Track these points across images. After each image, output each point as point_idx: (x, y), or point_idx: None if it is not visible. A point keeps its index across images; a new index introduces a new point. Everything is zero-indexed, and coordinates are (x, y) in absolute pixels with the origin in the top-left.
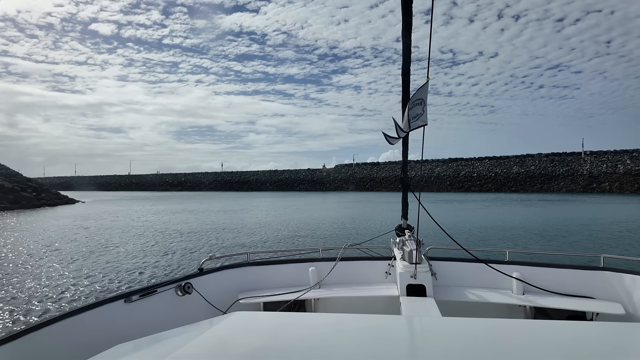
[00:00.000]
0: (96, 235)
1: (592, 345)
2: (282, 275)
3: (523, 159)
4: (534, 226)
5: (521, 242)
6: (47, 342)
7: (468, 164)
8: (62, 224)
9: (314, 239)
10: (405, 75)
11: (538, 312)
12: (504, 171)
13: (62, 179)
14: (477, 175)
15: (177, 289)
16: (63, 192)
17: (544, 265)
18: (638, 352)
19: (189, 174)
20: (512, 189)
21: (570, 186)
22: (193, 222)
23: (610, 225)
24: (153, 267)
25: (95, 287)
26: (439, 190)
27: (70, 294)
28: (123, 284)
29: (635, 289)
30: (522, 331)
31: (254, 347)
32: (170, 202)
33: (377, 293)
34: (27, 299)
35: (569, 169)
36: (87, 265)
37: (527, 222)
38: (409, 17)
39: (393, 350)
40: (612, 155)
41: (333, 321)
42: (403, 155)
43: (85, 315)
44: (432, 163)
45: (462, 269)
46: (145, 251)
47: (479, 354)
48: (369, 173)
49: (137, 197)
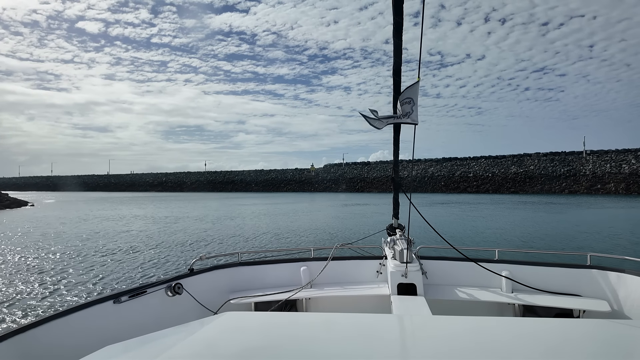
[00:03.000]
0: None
1: (578, 342)
2: (274, 275)
3: (521, 159)
4: (555, 238)
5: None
6: (33, 344)
7: (463, 163)
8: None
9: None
10: (396, 75)
11: (527, 310)
12: (501, 171)
13: (37, 178)
14: (474, 176)
15: (167, 289)
16: (31, 192)
17: (533, 263)
18: (622, 348)
19: (171, 173)
20: (510, 190)
21: (572, 187)
22: (143, 239)
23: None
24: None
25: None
26: (433, 191)
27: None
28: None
29: (620, 287)
30: (510, 329)
31: (245, 348)
32: (138, 205)
33: (368, 292)
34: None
35: (571, 169)
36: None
37: (545, 231)
38: (400, 17)
39: (384, 348)
40: (615, 154)
41: (324, 320)
42: (394, 155)
43: (73, 316)
44: (425, 163)
45: (452, 268)
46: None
47: (469, 351)
48: (359, 173)
49: (107, 198)
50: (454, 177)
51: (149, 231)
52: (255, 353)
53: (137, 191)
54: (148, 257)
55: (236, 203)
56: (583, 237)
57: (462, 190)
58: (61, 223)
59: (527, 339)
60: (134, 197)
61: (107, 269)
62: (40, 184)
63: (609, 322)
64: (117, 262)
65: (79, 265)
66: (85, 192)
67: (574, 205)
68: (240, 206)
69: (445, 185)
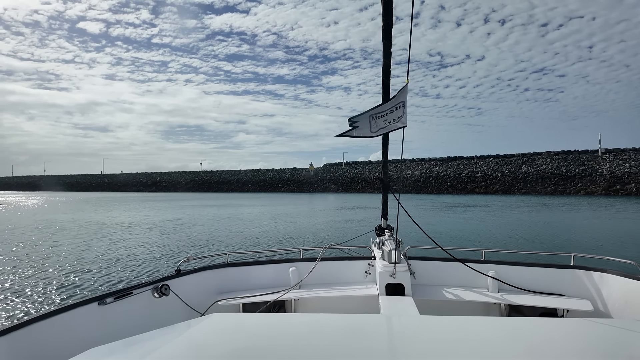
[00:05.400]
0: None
1: (562, 341)
2: (262, 276)
3: (531, 158)
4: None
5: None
6: (14, 348)
7: (470, 163)
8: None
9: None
10: (386, 77)
11: (512, 310)
12: (511, 171)
13: (29, 178)
14: (482, 175)
15: (153, 290)
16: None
17: (518, 264)
18: (603, 347)
19: (165, 173)
20: (522, 190)
21: (589, 188)
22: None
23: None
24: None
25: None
26: (439, 191)
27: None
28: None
29: (602, 286)
30: (496, 328)
31: (233, 349)
32: (119, 207)
33: (356, 293)
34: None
35: (586, 169)
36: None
37: (597, 240)
38: (389, 19)
39: (372, 348)
40: (633, 153)
41: (312, 321)
42: (383, 156)
43: (56, 319)
44: (429, 162)
45: (440, 268)
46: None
47: (456, 351)
48: (359, 173)
49: (92, 199)
50: (461, 177)
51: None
52: (243, 354)
53: (132, 191)
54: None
55: (222, 204)
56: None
57: (470, 191)
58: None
59: (512, 338)
60: (120, 198)
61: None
62: (33, 183)
63: (590, 321)
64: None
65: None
66: (77, 192)
67: (603, 208)
68: (223, 208)
69: (452, 186)
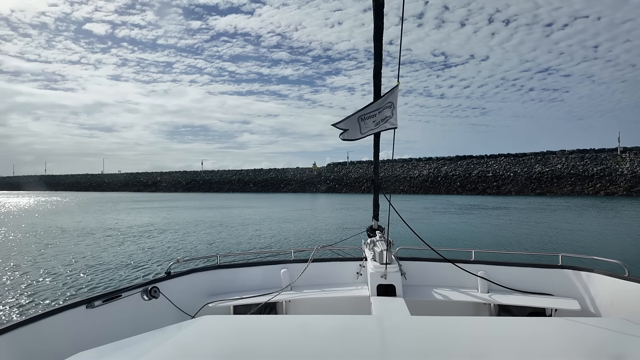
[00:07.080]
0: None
1: (549, 340)
2: (253, 277)
3: (545, 156)
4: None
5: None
6: (0, 352)
7: (480, 162)
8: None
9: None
10: (376, 78)
11: (502, 310)
12: (524, 170)
13: (30, 178)
14: (493, 175)
15: (143, 293)
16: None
17: (508, 264)
18: (589, 345)
19: (165, 173)
20: (536, 191)
21: (609, 188)
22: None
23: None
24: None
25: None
26: (448, 192)
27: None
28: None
29: (589, 286)
30: (485, 328)
31: (223, 352)
32: (105, 211)
33: (348, 294)
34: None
35: (604, 168)
36: None
37: None
38: (380, 21)
39: (363, 349)
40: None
41: (303, 322)
42: (374, 157)
43: (43, 322)
44: (437, 161)
45: (430, 269)
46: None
47: (446, 351)
48: (365, 172)
49: (85, 200)
50: (471, 177)
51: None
52: (234, 357)
53: (131, 191)
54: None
55: (212, 205)
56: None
57: (481, 192)
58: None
59: (501, 337)
60: (112, 199)
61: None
62: (33, 183)
63: (578, 320)
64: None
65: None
66: (77, 192)
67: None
68: (214, 210)
69: (461, 186)
